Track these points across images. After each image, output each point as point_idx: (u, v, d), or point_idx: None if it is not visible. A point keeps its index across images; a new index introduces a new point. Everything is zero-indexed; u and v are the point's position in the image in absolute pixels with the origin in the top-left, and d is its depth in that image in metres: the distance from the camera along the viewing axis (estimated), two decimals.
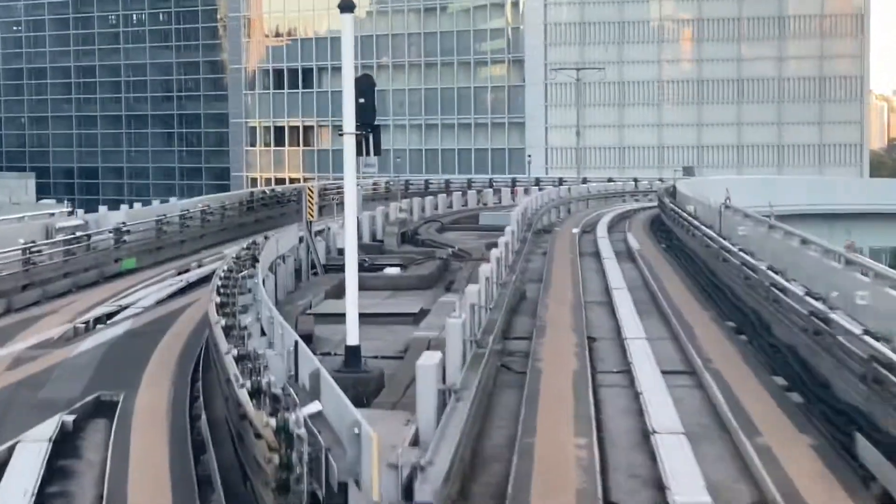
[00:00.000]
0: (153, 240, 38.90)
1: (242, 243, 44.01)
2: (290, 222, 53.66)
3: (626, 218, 54.90)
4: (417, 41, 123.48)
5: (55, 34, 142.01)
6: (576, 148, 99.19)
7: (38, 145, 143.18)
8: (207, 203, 45.20)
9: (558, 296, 28.89)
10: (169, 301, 29.83)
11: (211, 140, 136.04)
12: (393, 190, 63.64)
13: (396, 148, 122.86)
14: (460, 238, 46.95)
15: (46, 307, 29.15)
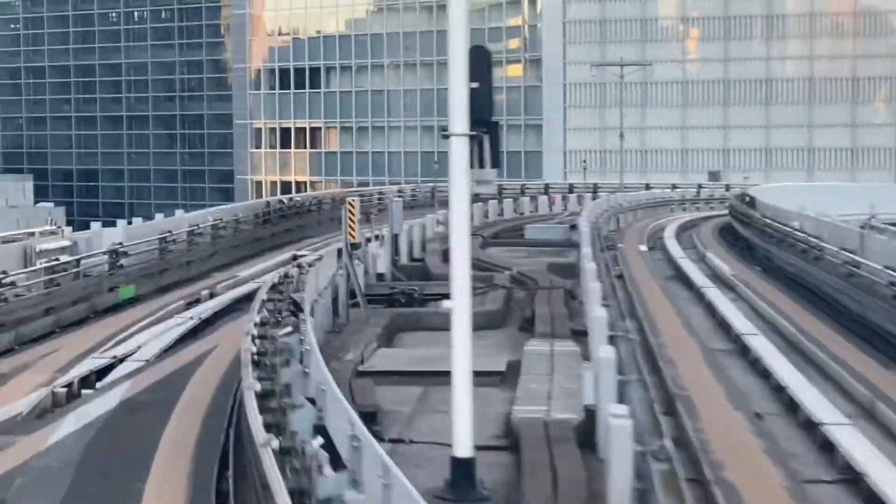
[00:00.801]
0: (156, 262, 32.02)
1: (258, 264, 37.20)
2: (311, 236, 46.99)
3: (688, 230, 48.12)
4: (428, 39, 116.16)
5: (54, 32, 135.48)
6: (619, 151, 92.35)
7: (36, 147, 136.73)
8: (219, 216, 38.35)
9: (676, 342, 22.12)
10: (177, 348, 22.90)
11: (214, 142, 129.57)
12: (419, 197, 56.86)
13: (408, 151, 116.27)
14: (508, 256, 40.31)
15: (18, 359, 22.29)
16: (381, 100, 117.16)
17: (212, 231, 36.57)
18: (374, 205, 53.76)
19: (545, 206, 58.84)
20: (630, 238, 43.43)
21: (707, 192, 69.23)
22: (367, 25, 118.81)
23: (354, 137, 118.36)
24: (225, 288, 31.83)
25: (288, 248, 41.87)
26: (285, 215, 44.37)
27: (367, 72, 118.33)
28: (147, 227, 32.62)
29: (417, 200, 57.84)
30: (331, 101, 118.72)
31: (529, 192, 65.76)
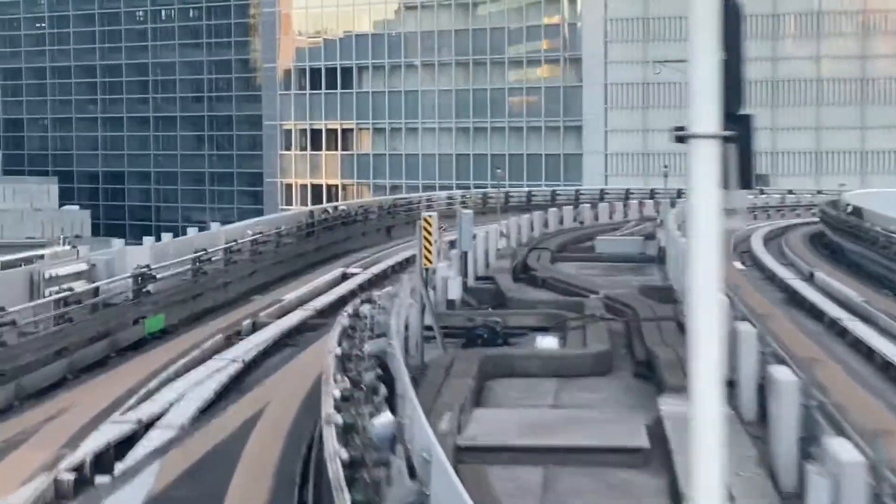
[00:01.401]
0: (189, 285, 26.90)
1: (304, 284, 32.08)
2: (357, 249, 41.97)
3: (772, 241, 42.84)
4: (464, 38, 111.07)
5: (80, 31, 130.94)
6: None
7: (61, 148, 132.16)
8: (259, 229, 33.22)
9: (866, 409, 16.86)
10: (218, 406, 17.74)
11: (243, 143, 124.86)
12: (469, 202, 51.60)
13: (443, 153, 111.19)
14: (585, 274, 35.09)
15: (16, 423, 17.14)
16: (415, 100, 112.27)
17: (251, 247, 31.45)
18: (421, 213, 48.71)
19: (602, 214, 53.46)
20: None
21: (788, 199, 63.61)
22: (401, 24, 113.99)
23: (387, 139, 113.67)
24: (269, 316, 26.73)
25: (334, 264, 36.88)
26: (330, 226, 39.26)
27: (401, 71, 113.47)
28: (178, 245, 27.52)
29: (489, 206, 52.63)
30: (363, 101, 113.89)
31: (584, 197, 60.41)
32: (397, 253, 39.88)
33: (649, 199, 63.18)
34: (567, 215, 49.08)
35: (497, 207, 51.64)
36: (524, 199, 57.88)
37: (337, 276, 33.80)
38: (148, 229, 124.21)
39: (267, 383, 19.67)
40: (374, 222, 44.08)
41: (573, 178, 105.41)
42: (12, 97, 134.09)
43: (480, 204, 53.85)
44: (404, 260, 37.74)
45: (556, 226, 47.92)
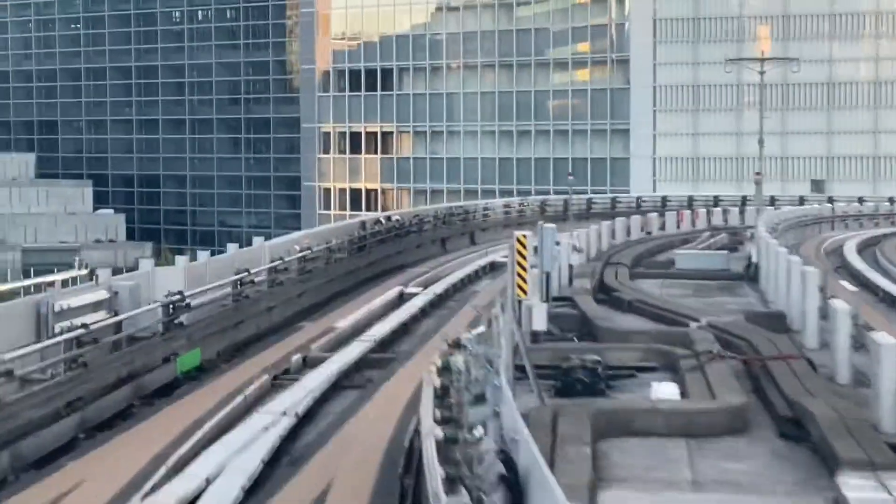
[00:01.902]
0: (229, 312, 22.76)
1: (358, 307, 27.92)
2: (413, 263, 37.84)
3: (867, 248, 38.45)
4: (507, 39, 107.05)
5: (115, 32, 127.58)
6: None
7: (95, 151, 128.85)
8: (308, 242, 29.06)
9: None
10: (268, 482, 13.57)
11: (281, 147, 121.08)
12: (527, 212, 47.32)
13: (485, 157, 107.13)
14: (671, 294, 30.70)
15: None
16: (457, 103, 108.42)
17: (299, 265, 27.33)
18: (478, 223, 44.44)
19: (669, 223, 49.03)
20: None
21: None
22: (442, 24, 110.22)
23: (428, 142, 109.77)
24: (322, 349, 22.56)
25: (389, 281, 32.77)
26: (383, 239, 35.06)
27: (442, 73, 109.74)
28: (216, 265, 23.34)
29: (526, 216, 48.40)
30: (403, 103, 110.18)
31: (645, 205, 56.00)
32: (456, 268, 35.77)
33: (713, 206, 58.80)
34: (634, 225, 44.67)
35: (566, 215, 47.53)
36: (584, 207, 53.55)
37: (394, 296, 29.66)
38: (183, 234, 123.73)
39: (329, 448, 15.48)
40: (429, 233, 39.99)
41: (620, 183, 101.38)
42: (47, 99, 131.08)
43: (539, 212, 49.58)
44: (466, 277, 33.67)
45: (623, 236, 43.55)
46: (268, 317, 25.33)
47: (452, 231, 42.24)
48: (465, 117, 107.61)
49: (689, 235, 46.80)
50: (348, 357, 21.61)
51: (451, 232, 42.19)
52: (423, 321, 27.00)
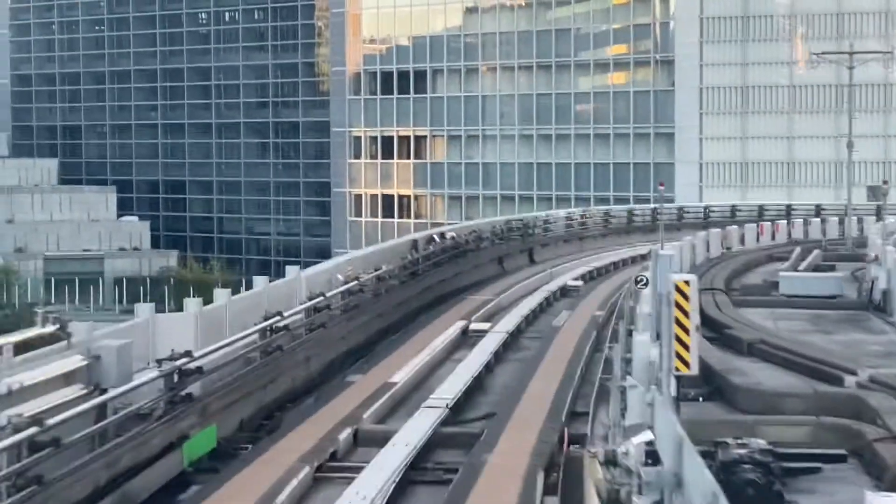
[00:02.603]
0: (256, 369, 16.91)
1: (415, 350, 21.98)
2: (471, 287, 32.05)
3: None
4: (546, 39, 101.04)
5: (140, 34, 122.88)
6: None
7: (120, 156, 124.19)
8: (352, 270, 23.23)
9: None
10: None
11: (310, 151, 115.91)
12: (589, 224, 41.32)
13: (522, 162, 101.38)
14: (784, 328, 24.83)
15: None
16: (493, 105, 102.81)
17: (343, 300, 21.54)
18: (538, 238, 38.49)
19: (749, 236, 42.95)
20: None
21: None
22: (478, 24, 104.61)
23: (463, 147, 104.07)
24: (376, 418, 16.75)
25: (447, 313, 26.99)
26: (438, 262, 29.10)
27: (477, 75, 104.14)
28: (240, 307, 17.52)
29: (588, 228, 42.48)
30: (437, 106, 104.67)
31: (714, 215, 49.94)
32: (521, 293, 30.04)
33: (785, 216, 52.72)
34: (714, 240, 38.66)
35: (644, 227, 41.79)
36: (648, 218, 47.56)
37: (457, 333, 23.85)
38: (210, 241, 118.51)
39: None
40: (487, 251, 34.22)
41: (664, 189, 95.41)
42: (70, 103, 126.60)
43: (602, 224, 43.66)
44: (538, 306, 27.85)
45: (703, 253, 37.55)
46: (305, 368, 19.56)
47: (510, 248, 36.47)
48: (502, 120, 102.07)
49: (775, 251, 40.82)
50: (415, 434, 15.78)
51: (508, 249, 36.41)
52: (499, 371, 21.21)
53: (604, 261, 38.00)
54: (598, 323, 25.41)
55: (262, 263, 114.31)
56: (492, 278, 33.91)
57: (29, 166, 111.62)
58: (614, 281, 33.31)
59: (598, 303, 28.54)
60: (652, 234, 46.65)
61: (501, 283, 32.15)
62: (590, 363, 21.20)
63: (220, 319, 16.53)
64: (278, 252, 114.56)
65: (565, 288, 31.41)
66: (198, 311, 15.80)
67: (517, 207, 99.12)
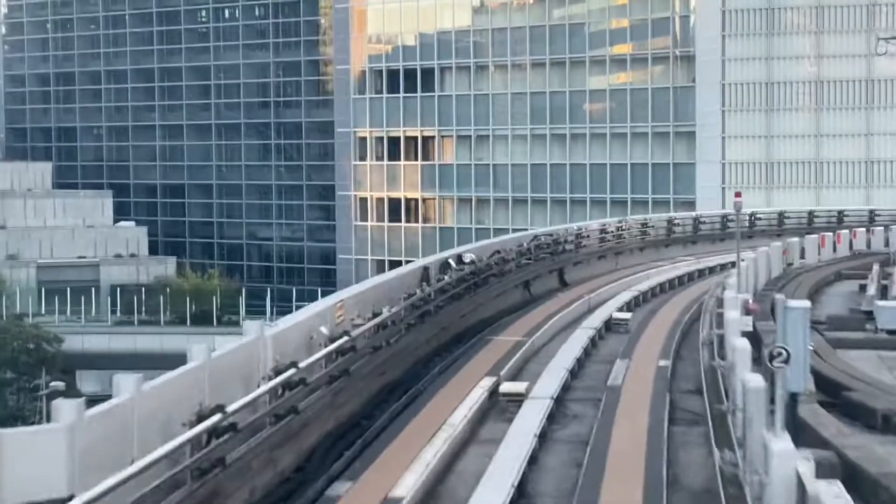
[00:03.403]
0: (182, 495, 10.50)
1: (429, 428, 15.49)
2: (491, 320, 25.52)
3: None
4: (560, 34, 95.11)
5: (136, 32, 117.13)
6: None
7: (116, 159, 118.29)
8: (343, 313, 16.75)
9: None
10: None
11: (314, 153, 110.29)
12: (626, 237, 34.85)
13: (535, 163, 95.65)
14: None
15: None
16: (504, 104, 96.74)
17: (327, 365, 15.10)
18: (570, 255, 32.08)
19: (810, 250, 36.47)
20: None
21: None
22: (488, 19, 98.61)
23: (473, 147, 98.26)
24: None
25: (467, 363, 20.55)
26: (455, 295, 22.50)
27: (488, 72, 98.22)
28: (159, 400, 11.11)
29: (624, 241, 36.04)
30: (446, 105, 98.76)
31: (760, 223, 43.40)
32: (555, 329, 23.71)
33: (837, 223, 46.24)
34: (775, 254, 32.19)
35: (685, 238, 35.55)
36: (690, 228, 41.04)
37: (482, 398, 17.45)
38: (210, 247, 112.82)
39: None
40: (513, 275, 27.75)
41: (684, 191, 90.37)
42: (64, 104, 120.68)
43: (638, 235, 37.22)
44: (583, 353, 21.44)
45: (764, 271, 31.09)
46: (271, 471, 13.19)
47: (538, 269, 30.06)
48: (513, 120, 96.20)
49: (843, 266, 34.48)
50: None
51: (536, 270, 29.98)
52: (549, 463, 14.86)
53: (648, 281, 31.61)
54: (666, 379, 19.04)
55: (264, 270, 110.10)
56: (519, 308, 27.49)
57: (22, 170, 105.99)
58: (666, 311, 26.93)
59: (658, 346, 22.18)
60: (693, 245, 40.33)
61: (531, 316, 25.74)
62: (676, 448, 14.91)
63: (121, 427, 10.21)
64: (281, 258, 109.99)
65: (611, 322, 25.07)
66: (76, 420, 9.46)
67: (529, 211, 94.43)
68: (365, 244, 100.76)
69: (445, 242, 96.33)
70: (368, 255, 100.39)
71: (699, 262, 36.57)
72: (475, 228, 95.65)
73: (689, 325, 25.08)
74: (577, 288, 30.52)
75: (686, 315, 25.81)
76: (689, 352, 21.86)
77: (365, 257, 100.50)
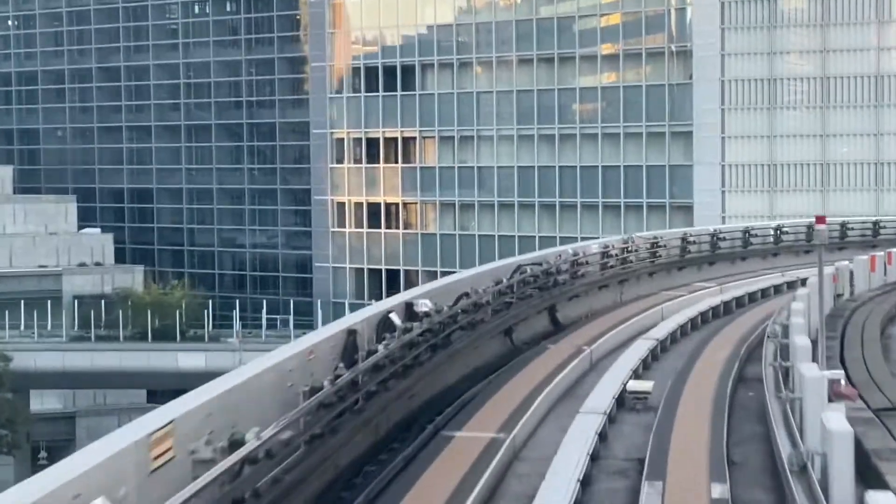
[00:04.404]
0: None
1: None
2: (462, 387, 17.28)
3: None
4: (547, 29, 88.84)
5: (102, 28, 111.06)
6: None
7: (81, 163, 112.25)
8: (217, 434, 9.12)
9: None
10: None
11: (289, 156, 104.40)
12: (662, 257, 27.02)
13: (522, 165, 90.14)
14: None
15: None
16: (489, 103, 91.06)
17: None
18: (564, 288, 24.33)
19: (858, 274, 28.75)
20: None
21: None
22: (472, 14, 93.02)
23: (456, 149, 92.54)
24: None
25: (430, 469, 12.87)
26: (405, 366, 14.44)
27: (472, 69, 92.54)
28: None
29: (630, 265, 28.16)
30: (427, 105, 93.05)
31: (787, 238, 35.68)
32: (544, 414, 16.18)
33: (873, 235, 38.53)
34: (827, 287, 24.38)
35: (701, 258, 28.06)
36: (707, 246, 32.95)
37: None
38: (180, 255, 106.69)
39: None
40: (488, 323, 19.82)
41: (681, 195, 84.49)
42: (27, 104, 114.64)
43: (648, 259, 29.35)
44: (588, 465, 13.66)
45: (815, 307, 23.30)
46: None
47: (524, 309, 22.19)
48: (499, 120, 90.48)
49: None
50: None
51: (521, 311, 22.09)
52: None
53: (666, 323, 23.85)
54: None
55: (237, 279, 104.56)
56: (498, 368, 19.75)
57: None
58: (701, 374, 19.23)
59: (701, 446, 14.45)
60: (710, 267, 32.70)
61: (510, 386, 17.93)
62: None
63: None
64: (255, 267, 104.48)
65: (624, 396, 17.38)
66: None
67: (516, 216, 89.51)
68: (343, 252, 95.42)
69: (428, 249, 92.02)
70: (346, 263, 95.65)
71: (722, 291, 28.91)
72: (459, 235, 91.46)
73: (736, 399, 17.48)
74: (574, 333, 22.76)
75: (728, 380, 18.18)
76: (752, 462, 14.20)
77: (343, 265, 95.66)
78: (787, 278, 30.79)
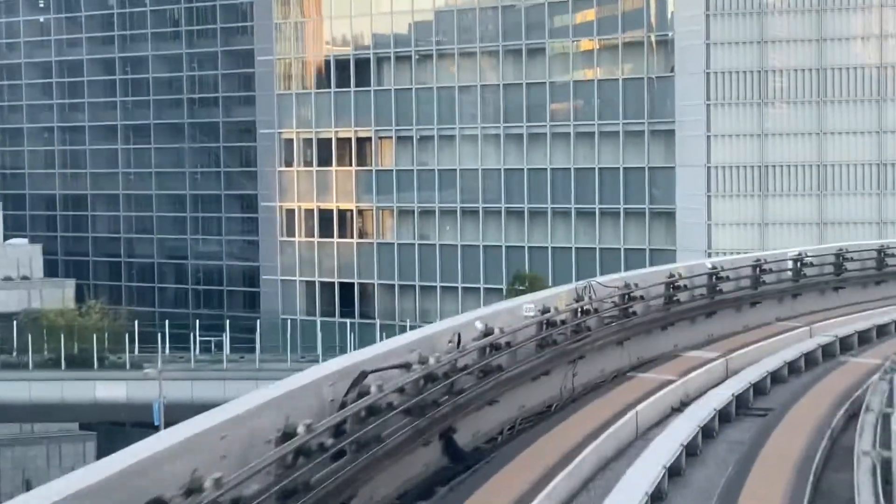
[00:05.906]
0: None
1: None
2: None
3: None
4: (514, 20, 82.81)
5: (31, 20, 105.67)
6: None
7: (9, 167, 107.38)
8: None
9: None
10: None
11: (234, 158, 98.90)
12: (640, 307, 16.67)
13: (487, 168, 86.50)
14: None
15: None
16: (451, 99, 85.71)
17: None
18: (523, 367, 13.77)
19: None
20: None
21: None
22: (432, 1, 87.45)
23: (415, 150, 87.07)
24: None
25: None
26: None
27: (432, 62, 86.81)
28: None
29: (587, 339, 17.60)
30: (383, 101, 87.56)
31: (811, 270, 25.64)
32: None
33: None
34: None
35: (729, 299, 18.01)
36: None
37: None
38: (117, 267, 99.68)
39: None
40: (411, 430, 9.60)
41: (662, 200, 79.34)
42: None
43: (663, 307, 18.74)
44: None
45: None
46: None
47: (466, 400, 11.79)
48: (462, 118, 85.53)
49: None
50: None
51: (461, 404, 11.65)
52: None
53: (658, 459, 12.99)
54: None
55: (179, 294, 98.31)
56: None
57: None
58: None
59: None
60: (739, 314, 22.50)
61: None
62: None
63: None
64: (198, 280, 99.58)
65: None
66: None
67: (481, 224, 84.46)
68: (292, 263, 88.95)
69: (384, 261, 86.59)
70: (296, 275, 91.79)
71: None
72: (418, 244, 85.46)
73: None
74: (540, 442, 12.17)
75: None
76: None
77: (292, 278, 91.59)
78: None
